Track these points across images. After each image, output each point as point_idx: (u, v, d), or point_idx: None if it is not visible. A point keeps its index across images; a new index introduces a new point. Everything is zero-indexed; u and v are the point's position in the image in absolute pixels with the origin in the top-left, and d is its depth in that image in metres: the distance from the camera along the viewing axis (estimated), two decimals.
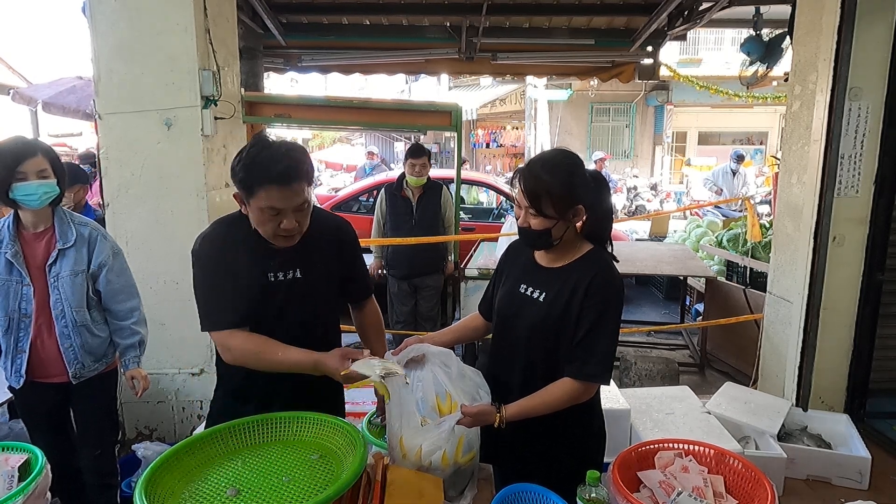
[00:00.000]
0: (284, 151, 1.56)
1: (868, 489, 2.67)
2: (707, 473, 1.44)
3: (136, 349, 2.38)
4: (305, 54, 6.28)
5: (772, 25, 5.59)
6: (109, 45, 3.01)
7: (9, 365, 2.23)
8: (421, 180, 4.28)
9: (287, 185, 1.54)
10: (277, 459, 1.45)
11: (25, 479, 1.45)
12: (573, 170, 1.62)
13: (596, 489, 1.40)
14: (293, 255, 1.70)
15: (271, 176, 1.53)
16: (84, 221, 2.28)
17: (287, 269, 1.71)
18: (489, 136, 19.66)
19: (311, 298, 1.76)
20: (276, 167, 1.53)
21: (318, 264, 1.75)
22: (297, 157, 1.57)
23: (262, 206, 1.56)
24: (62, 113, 6.54)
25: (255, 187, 1.55)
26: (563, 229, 1.64)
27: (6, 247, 2.13)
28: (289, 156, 1.55)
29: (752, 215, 5.04)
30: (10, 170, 2.03)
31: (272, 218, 1.58)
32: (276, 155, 1.55)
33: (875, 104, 2.97)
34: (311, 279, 1.73)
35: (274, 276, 1.69)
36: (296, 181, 1.55)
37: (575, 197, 1.60)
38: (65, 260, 2.19)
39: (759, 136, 17.53)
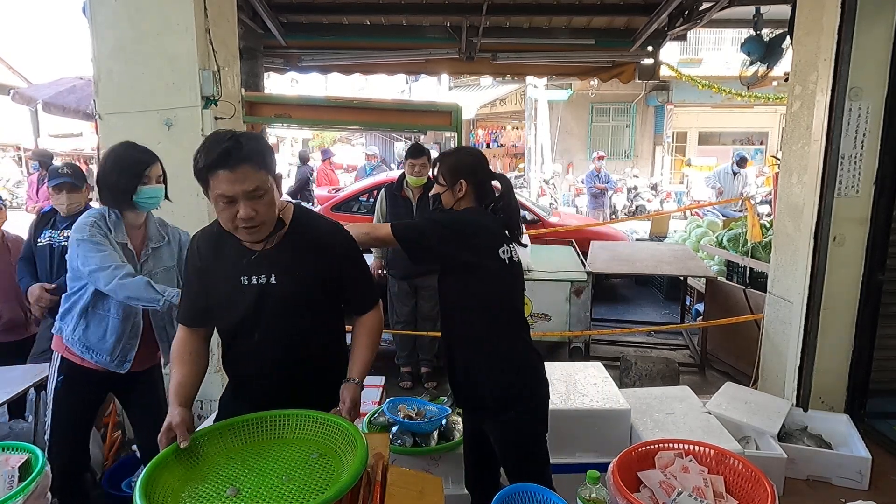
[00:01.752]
0: (230, 136, 1.53)
1: (868, 489, 2.67)
2: (707, 473, 1.44)
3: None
4: (305, 54, 6.29)
5: (772, 25, 5.60)
6: (109, 45, 3.01)
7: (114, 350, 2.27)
8: (421, 180, 4.27)
9: (232, 169, 1.49)
10: (277, 458, 1.45)
11: (25, 479, 1.45)
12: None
13: (596, 489, 1.40)
14: (266, 259, 1.65)
15: (214, 159, 1.49)
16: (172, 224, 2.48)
17: (259, 272, 1.65)
18: (489, 136, 19.65)
19: (289, 305, 1.67)
20: (217, 149, 1.50)
21: (295, 269, 1.66)
22: (242, 140, 1.52)
23: (215, 195, 1.53)
24: (62, 113, 6.54)
25: (206, 175, 1.53)
26: None
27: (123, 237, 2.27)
28: (234, 139, 1.51)
29: (752, 215, 5.05)
30: (139, 175, 2.23)
31: (227, 207, 1.53)
32: (219, 139, 1.53)
33: (875, 104, 2.97)
34: (286, 284, 1.65)
35: (247, 280, 1.65)
36: (241, 164, 1.49)
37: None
38: (156, 257, 2.34)
39: (759, 136, 17.53)
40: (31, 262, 3.15)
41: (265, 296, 1.65)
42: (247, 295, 1.65)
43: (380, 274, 4.46)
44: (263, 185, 1.54)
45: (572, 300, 4.27)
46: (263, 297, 1.65)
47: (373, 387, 3.43)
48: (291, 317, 1.68)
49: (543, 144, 16.36)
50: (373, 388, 3.41)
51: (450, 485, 2.53)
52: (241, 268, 1.65)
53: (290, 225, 1.68)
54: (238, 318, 1.67)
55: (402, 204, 4.35)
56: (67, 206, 3.10)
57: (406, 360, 4.48)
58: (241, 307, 1.66)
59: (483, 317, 1.93)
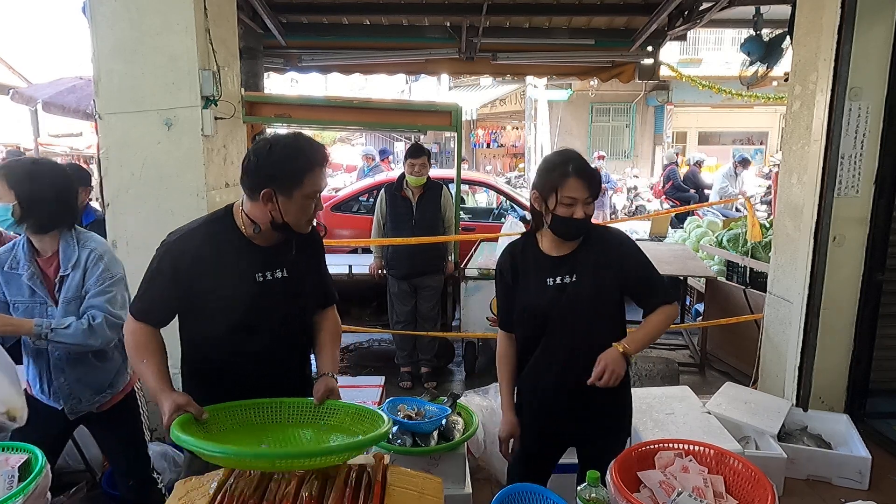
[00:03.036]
0: (307, 137, 1.67)
1: (868, 489, 2.67)
2: (707, 473, 1.44)
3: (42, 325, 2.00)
4: (305, 54, 6.28)
5: (772, 25, 5.59)
6: (109, 45, 3.01)
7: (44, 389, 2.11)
8: (421, 180, 4.28)
9: (324, 167, 1.66)
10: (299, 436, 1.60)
11: (25, 479, 1.45)
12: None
13: (596, 489, 1.40)
14: (278, 255, 1.73)
15: (317, 159, 1.62)
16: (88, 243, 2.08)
17: (274, 268, 1.73)
18: (489, 136, 19.67)
19: (298, 298, 1.80)
20: (317, 150, 1.64)
21: (300, 263, 1.78)
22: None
23: (307, 192, 1.62)
24: (62, 113, 6.53)
25: (302, 175, 1.60)
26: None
27: (22, 268, 2.03)
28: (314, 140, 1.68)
29: (752, 215, 5.04)
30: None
31: (311, 203, 1.66)
32: (305, 140, 1.65)
33: (875, 104, 2.97)
34: (296, 278, 1.77)
35: (262, 276, 1.72)
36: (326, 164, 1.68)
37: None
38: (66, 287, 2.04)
39: (759, 136, 17.54)
40: None
41: (280, 290, 1.74)
42: (265, 291, 1.71)
43: (379, 274, 4.46)
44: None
45: None
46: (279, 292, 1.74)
47: (373, 387, 3.43)
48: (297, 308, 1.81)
49: (543, 144, 16.37)
50: (373, 388, 3.42)
51: (450, 485, 2.53)
52: (255, 265, 1.71)
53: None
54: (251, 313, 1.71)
55: (402, 204, 4.35)
56: None
57: (406, 360, 4.48)
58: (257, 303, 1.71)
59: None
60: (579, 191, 1.78)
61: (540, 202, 1.86)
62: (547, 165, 1.88)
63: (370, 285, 4.48)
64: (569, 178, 1.78)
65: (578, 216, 1.79)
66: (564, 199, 1.78)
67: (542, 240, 1.94)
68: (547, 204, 1.83)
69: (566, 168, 1.80)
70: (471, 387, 3.65)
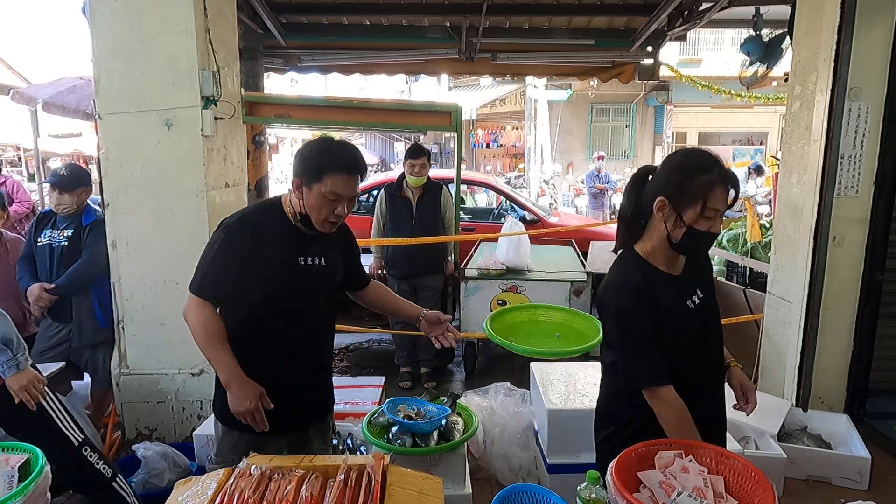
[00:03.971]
0: (354, 148, 1.84)
1: (868, 489, 2.67)
2: (707, 473, 1.43)
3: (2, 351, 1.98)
4: (305, 54, 6.28)
5: (772, 25, 5.59)
6: (109, 45, 3.01)
7: None
8: (421, 180, 4.27)
9: (352, 175, 1.77)
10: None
11: (25, 479, 1.44)
12: None
13: (596, 489, 1.40)
14: (319, 243, 1.90)
15: (343, 163, 1.75)
16: None
17: (315, 255, 1.90)
18: (489, 137, 19.66)
19: (330, 284, 1.98)
20: (347, 157, 1.77)
21: (335, 253, 1.97)
22: (362, 156, 1.84)
23: (325, 191, 1.74)
24: (62, 113, 6.52)
25: (323, 172, 1.74)
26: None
27: None
28: (358, 152, 1.82)
29: (752, 215, 5.04)
30: None
31: (330, 203, 1.76)
32: (347, 148, 1.81)
33: (875, 104, 2.98)
34: (330, 266, 1.95)
35: (304, 261, 1.87)
36: (359, 173, 1.79)
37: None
38: None
39: (759, 136, 17.52)
40: (31, 261, 3.15)
41: (318, 275, 1.91)
42: (306, 274, 1.88)
43: (379, 274, 4.46)
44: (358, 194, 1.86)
45: (572, 300, 4.26)
46: (317, 277, 1.91)
47: (373, 387, 3.43)
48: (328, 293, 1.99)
49: (543, 145, 16.36)
50: (373, 388, 3.42)
51: (450, 485, 2.53)
52: (300, 250, 1.86)
53: None
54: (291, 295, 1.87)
55: (401, 204, 4.35)
56: (55, 206, 3.12)
57: (406, 360, 4.48)
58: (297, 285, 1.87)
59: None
60: (723, 200, 1.50)
61: (669, 213, 1.52)
62: (689, 169, 1.51)
63: None
64: (718, 185, 1.47)
65: (716, 230, 1.53)
66: (710, 211, 1.47)
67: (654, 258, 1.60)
68: (681, 216, 1.50)
69: (714, 173, 1.47)
70: (471, 387, 3.65)
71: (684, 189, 1.49)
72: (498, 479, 2.90)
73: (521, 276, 4.34)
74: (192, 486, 1.46)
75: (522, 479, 2.88)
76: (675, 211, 1.50)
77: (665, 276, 1.59)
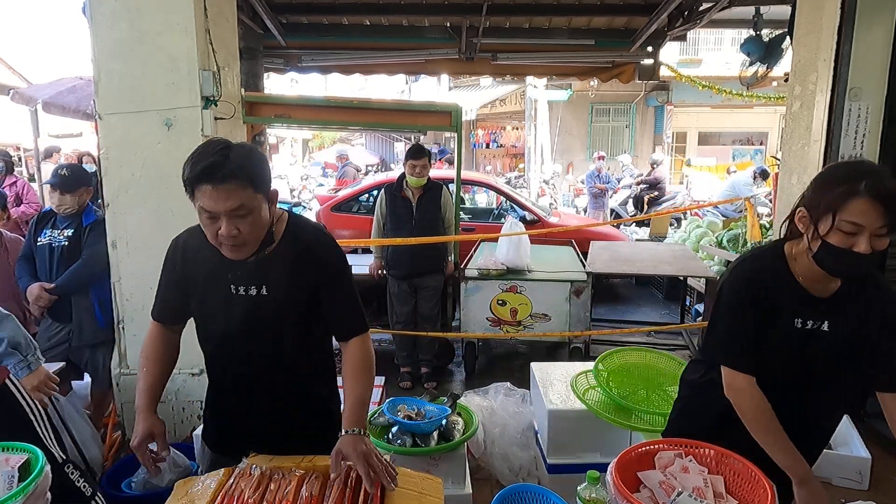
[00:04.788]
0: (219, 149, 1.44)
1: (868, 489, 2.67)
2: (707, 473, 1.43)
3: (12, 355, 1.99)
4: (305, 54, 6.29)
5: (772, 25, 5.60)
6: (109, 45, 3.01)
7: None
8: (421, 181, 4.27)
9: (216, 185, 1.40)
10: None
11: (25, 479, 1.44)
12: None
13: (596, 489, 1.40)
14: (257, 269, 1.57)
15: (199, 172, 1.41)
16: None
17: (250, 283, 1.58)
18: (489, 137, 19.66)
19: (280, 318, 1.61)
20: (203, 162, 1.41)
21: (286, 281, 1.58)
22: (232, 155, 1.42)
23: (198, 207, 1.45)
24: (62, 113, 6.53)
25: (191, 186, 1.44)
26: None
27: None
28: (221, 153, 1.42)
29: (752, 215, 5.05)
30: None
31: (210, 223, 1.45)
32: (208, 151, 1.44)
33: (875, 104, 2.98)
34: (278, 297, 1.58)
35: (236, 289, 1.59)
36: (227, 181, 1.40)
37: None
38: None
39: (759, 137, 17.52)
40: (31, 261, 3.15)
41: (258, 307, 1.58)
42: (238, 305, 1.59)
43: (379, 274, 4.46)
44: (249, 204, 1.44)
45: (572, 300, 4.27)
46: (256, 309, 1.59)
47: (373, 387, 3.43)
48: (282, 330, 1.62)
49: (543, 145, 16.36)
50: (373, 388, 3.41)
51: (450, 485, 2.53)
52: (231, 276, 1.58)
53: (283, 235, 1.61)
54: (228, 328, 1.62)
55: (402, 204, 4.35)
56: (56, 206, 3.12)
57: (406, 360, 4.48)
58: (232, 317, 1.60)
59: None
60: (870, 216, 1.33)
61: (807, 223, 1.44)
62: (829, 178, 1.43)
63: (370, 286, 4.48)
64: (858, 197, 1.33)
65: (860, 249, 1.34)
66: (844, 224, 1.35)
67: (797, 266, 1.52)
68: (817, 227, 1.41)
69: (857, 185, 1.34)
70: (471, 387, 3.65)
71: (820, 199, 1.41)
72: (498, 479, 2.90)
73: (522, 276, 4.34)
74: (192, 486, 1.46)
75: (522, 479, 2.88)
76: (812, 222, 1.42)
77: (792, 283, 1.51)
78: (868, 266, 1.40)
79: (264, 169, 1.52)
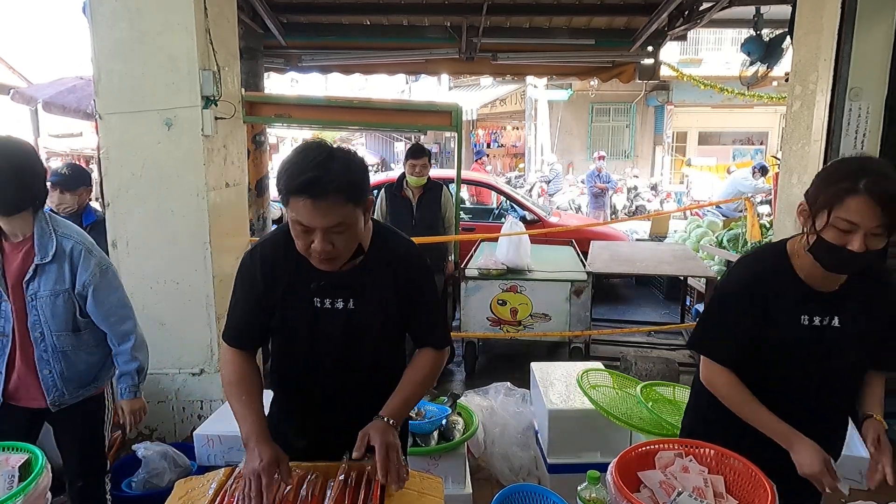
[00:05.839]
0: (321, 159, 1.32)
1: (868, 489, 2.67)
2: (707, 473, 1.43)
3: (132, 377, 2.14)
4: (305, 54, 6.29)
5: (772, 25, 5.60)
6: (109, 45, 3.01)
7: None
8: (421, 180, 4.27)
9: (315, 199, 1.31)
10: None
11: (25, 479, 1.44)
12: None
13: (596, 489, 1.40)
14: (345, 282, 1.50)
15: (295, 185, 1.31)
16: (68, 232, 1.98)
17: (337, 296, 1.51)
18: (489, 136, 19.68)
19: (368, 334, 1.56)
20: (301, 176, 1.30)
21: (374, 295, 1.53)
22: (334, 167, 1.32)
23: (292, 218, 1.36)
24: (62, 113, 6.53)
25: (286, 196, 1.35)
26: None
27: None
28: (323, 165, 1.31)
29: (752, 215, 5.05)
30: None
31: (303, 235, 1.37)
32: (307, 161, 1.32)
33: (875, 104, 2.98)
34: (366, 311, 1.53)
35: (321, 303, 1.51)
36: (326, 196, 1.31)
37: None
38: (44, 277, 1.93)
39: (759, 136, 17.54)
40: None
41: (342, 322, 1.53)
42: (324, 320, 1.52)
43: None
44: (347, 220, 1.36)
45: (572, 300, 4.27)
46: (344, 323, 1.53)
47: None
48: (373, 343, 1.58)
49: (543, 144, 16.38)
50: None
51: (450, 485, 2.53)
52: (315, 290, 1.51)
53: (370, 247, 1.53)
54: (315, 344, 1.55)
55: (402, 204, 4.35)
56: (56, 206, 3.13)
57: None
58: (317, 332, 1.53)
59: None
60: (866, 216, 1.31)
61: (806, 216, 1.45)
62: (830, 174, 1.43)
63: None
64: (856, 195, 1.31)
65: (854, 248, 1.33)
66: (840, 221, 1.34)
67: (799, 262, 1.51)
68: (814, 222, 1.41)
69: (856, 183, 1.32)
70: (471, 387, 3.65)
71: (819, 194, 1.41)
72: (498, 478, 2.90)
73: (522, 276, 4.34)
74: (192, 486, 1.46)
75: (523, 479, 2.88)
76: (811, 217, 1.42)
77: (795, 280, 1.51)
78: (861, 264, 1.40)
79: (364, 179, 1.43)
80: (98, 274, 2.00)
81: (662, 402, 2.51)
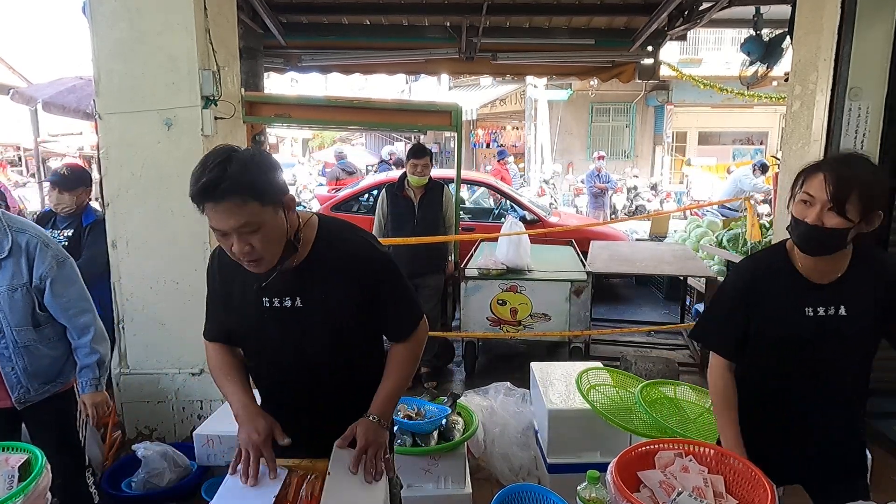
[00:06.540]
0: (217, 163, 1.29)
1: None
2: (707, 473, 1.44)
3: (93, 370, 2.13)
4: (305, 54, 6.29)
5: (772, 25, 5.60)
6: (109, 45, 3.01)
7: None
8: (423, 180, 4.27)
9: (215, 203, 1.30)
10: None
11: (25, 479, 1.44)
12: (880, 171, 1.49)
13: (596, 489, 1.40)
14: (291, 280, 1.49)
15: (195, 192, 1.31)
16: (22, 227, 2.00)
17: (283, 295, 1.50)
18: (489, 136, 19.66)
19: (318, 332, 1.52)
20: (199, 182, 1.29)
21: (324, 290, 1.50)
22: (231, 169, 1.29)
23: (210, 225, 1.36)
24: (62, 113, 6.53)
25: (196, 202, 1.33)
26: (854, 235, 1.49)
27: None
28: (219, 167, 1.28)
29: (752, 215, 5.05)
30: None
31: (222, 239, 1.37)
32: (207, 165, 1.30)
33: (875, 104, 2.98)
34: (313, 309, 1.51)
35: (269, 302, 1.51)
36: (224, 198, 1.29)
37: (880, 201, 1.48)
38: (1, 273, 1.94)
39: (759, 136, 17.53)
40: None
41: (290, 321, 1.51)
42: (271, 319, 1.52)
43: None
44: (256, 220, 1.33)
45: (572, 300, 4.26)
46: (289, 322, 1.51)
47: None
48: (321, 342, 1.54)
49: (543, 144, 16.37)
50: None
51: (450, 485, 2.53)
52: (261, 289, 1.49)
53: (315, 242, 1.52)
54: (264, 344, 1.57)
55: (403, 204, 4.34)
56: (55, 206, 3.13)
57: None
58: (266, 331, 1.54)
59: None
60: (820, 189, 1.44)
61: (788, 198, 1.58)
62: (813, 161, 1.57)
63: None
64: (816, 172, 1.47)
65: (809, 220, 1.45)
66: (803, 194, 1.48)
67: (797, 256, 1.59)
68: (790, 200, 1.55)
69: (822, 164, 1.49)
70: (471, 387, 3.65)
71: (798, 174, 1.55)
72: (498, 478, 2.90)
73: (522, 276, 4.34)
74: None
75: (522, 479, 2.88)
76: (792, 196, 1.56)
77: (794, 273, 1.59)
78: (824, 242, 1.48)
79: (269, 178, 1.37)
80: (55, 266, 2.03)
81: (663, 401, 2.51)
